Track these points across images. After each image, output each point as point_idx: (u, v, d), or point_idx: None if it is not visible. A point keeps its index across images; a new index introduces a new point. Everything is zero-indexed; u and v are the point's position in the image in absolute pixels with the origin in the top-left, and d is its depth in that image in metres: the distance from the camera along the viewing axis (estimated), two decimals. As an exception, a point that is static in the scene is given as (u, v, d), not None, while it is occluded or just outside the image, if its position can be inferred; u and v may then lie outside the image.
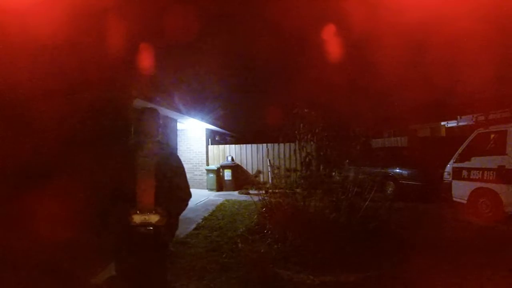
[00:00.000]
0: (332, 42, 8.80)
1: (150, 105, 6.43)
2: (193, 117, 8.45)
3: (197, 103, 8.96)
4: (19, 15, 3.51)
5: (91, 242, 3.90)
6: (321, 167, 4.79)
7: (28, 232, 3.59)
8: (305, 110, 4.74)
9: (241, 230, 5.33)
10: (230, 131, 14.00)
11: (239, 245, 4.56)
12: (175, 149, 8.30)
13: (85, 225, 3.92)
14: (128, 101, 5.45)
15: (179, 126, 9.04)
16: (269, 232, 4.74)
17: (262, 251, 3.98)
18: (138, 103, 5.97)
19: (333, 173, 4.92)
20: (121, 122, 5.02)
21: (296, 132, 4.96)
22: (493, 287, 3.18)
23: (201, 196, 9.58)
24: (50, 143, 4.07)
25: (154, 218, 1.98)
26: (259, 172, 5.48)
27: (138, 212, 1.98)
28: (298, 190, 5.34)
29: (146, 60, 6.16)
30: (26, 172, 3.64)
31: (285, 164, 9.44)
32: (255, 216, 5.69)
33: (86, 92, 4.54)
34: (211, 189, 10.57)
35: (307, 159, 4.65)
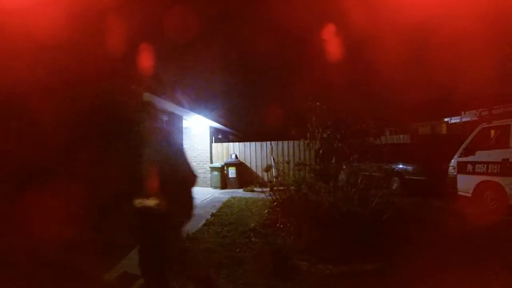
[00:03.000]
0: (334, 42, 8.88)
1: (155, 99, 6.41)
2: (198, 114, 8.47)
3: (201, 101, 9.00)
4: (29, 12, 3.53)
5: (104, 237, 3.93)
6: (333, 160, 4.86)
7: (40, 230, 3.59)
8: (317, 103, 4.81)
9: (252, 225, 5.36)
10: (233, 129, 14.02)
11: (253, 239, 4.60)
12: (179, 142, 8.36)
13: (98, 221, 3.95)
14: (137, 96, 5.41)
15: (183, 123, 9.04)
16: (282, 226, 4.78)
17: (278, 243, 4.02)
18: (146, 97, 5.95)
19: (344, 167, 4.98)
20: (130, 116, 5.04)
21: (308, 125, 5.03)
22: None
23: (206, 193, 9.60)
24: (63, 139, 4.09)
25: (151, 202, 2.18)
26: (270, 166, 5.51)
27: (141, 198, 2.21)
28: (303, 186, 5.39)
29: (153, 57, 6.17)
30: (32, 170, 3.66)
31: (289, 161, 9.52)
32: (266, 211, 5.73)
33: (92, 87, 4.54)
34: (215, 187, 10.59)
35: (320, 151, 4.71)
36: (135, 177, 2.25)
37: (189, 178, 2.51)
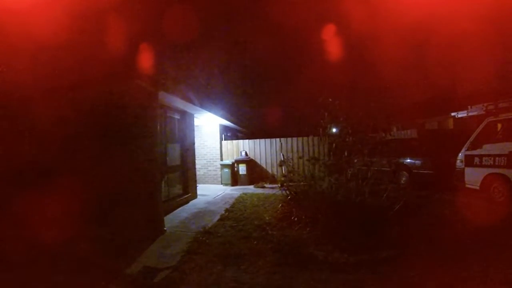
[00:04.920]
0: (343, 41, 9.04)
1: (169, 97, 6.53)
2: (209, 111, 8.65)
3: (212, 99, 9.17)
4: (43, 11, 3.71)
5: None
6: (345, 154, 5.05)
7: (60, 227, 3.77)
8: (329, 100, 5.00)
9: (267, 218, 5.52)
10: (242, 127, 14.20)
11: (269, 232, 4.76)
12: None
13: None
14: (153, 94, 5.53)
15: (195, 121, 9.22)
16: (296, 218, 4.97)
17: (294, 235, 4.23)
18: (162, 96, 6.08)
19: (355, 161, 5.17)
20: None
21: (321, 121, 5.22)
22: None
23: (218, 190, 9.83)
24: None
25: None
26: (283, 162, 5.72)
27: None
28: (315, 180, 5.56)
29: (166, 55, 6.31)
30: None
31: (301, 157, 9.72)
32: (280, 205, 5.91)
33: (104, 87, 4.67)
34: (226, 184, 10.76)
35: (333, 146, 4.91)
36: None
37: None
